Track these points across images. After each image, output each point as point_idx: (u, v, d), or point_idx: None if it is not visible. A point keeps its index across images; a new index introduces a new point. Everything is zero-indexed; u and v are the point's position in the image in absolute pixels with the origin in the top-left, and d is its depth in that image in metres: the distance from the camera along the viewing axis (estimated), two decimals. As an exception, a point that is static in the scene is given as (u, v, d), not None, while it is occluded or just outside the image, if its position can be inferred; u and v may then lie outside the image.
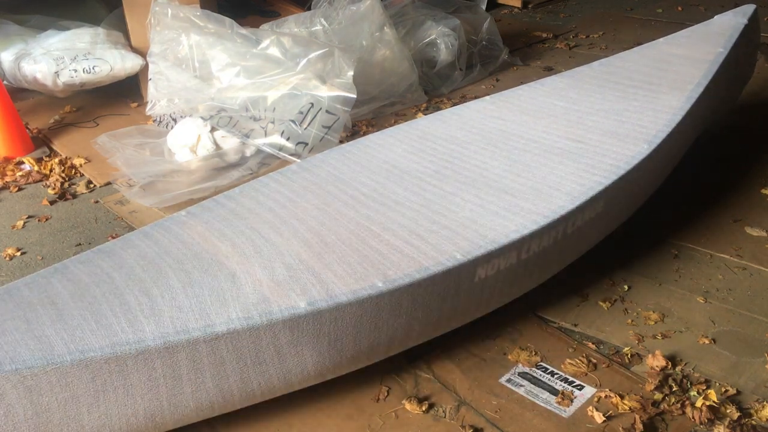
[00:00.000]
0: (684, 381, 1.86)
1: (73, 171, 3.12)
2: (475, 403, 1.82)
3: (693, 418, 1.74)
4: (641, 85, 2.60)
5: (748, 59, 3.09)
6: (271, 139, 3.01)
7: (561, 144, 2.28)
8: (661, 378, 1.85)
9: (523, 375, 1.91)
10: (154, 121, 3.44)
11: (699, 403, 1.77)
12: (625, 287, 2.25)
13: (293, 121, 3.02)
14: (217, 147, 3.05)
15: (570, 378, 1.89)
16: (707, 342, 2.01)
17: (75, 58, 3.45)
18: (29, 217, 2.77)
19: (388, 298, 1.66)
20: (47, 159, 3.20)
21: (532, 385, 1.87)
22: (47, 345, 1.46)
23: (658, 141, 2.23)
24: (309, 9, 3.96)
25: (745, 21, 2.91)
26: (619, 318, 2.12)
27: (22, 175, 3.07)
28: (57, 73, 3.43)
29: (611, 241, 2.32)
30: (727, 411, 1.75)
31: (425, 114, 3.57)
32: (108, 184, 2.99)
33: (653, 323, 2.09)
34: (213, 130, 3.06)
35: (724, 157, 3.02)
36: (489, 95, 2.72)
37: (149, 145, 3.19)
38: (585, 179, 2.07)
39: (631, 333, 2.05)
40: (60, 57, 3.43)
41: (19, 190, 2.99)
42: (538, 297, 2.14)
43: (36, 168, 3.12)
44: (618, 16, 5.30)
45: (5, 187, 3.00)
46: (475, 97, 3.31)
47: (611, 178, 2.07)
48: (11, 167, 3.12)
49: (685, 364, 1.93)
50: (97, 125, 3.52)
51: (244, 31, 3.28)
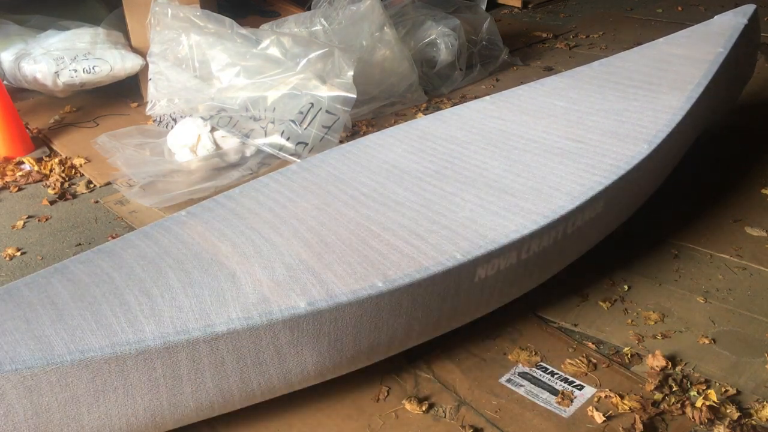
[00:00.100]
0: (684, 381, 1.86)
1: (73, 171, 3.12)
2: (475, 403, 1.82)
3: (693, 418, 1.74)
4: (641, 85, 2.60)
5: (748, 59, 3.08)
6: (271, 139, 3.01)
7: (561, 144, 2.28)
8: (661, 378, 1.85)
9: (523, 375, 1.91)
10: (154, 121, 3.44)
11: (699, 403, 1.76)
12: (625, 287, 2.25)
13: (293, 121, 3.02)
14: (217, 147, 3.05)
15: (570, 378, 1.89)
16: (707, 342, 2.01)
17: (75, 58, 3.45)
18: (29, 217, 2.77)
19: (388, 298, 1.66)
20: (47, 159, 3.20)
21: (532, 385, 1.87)
22: (47, 345, 1.46)
23: (658, 141, 2.23)
24: (309, 9, 3.96)
25: (745, 21, 2.91)
26: (619, 318, 2.12)
27: (22, 175, 3.07)
28: (57, 73, 3.43)
29: (611, 241, 2.32)
30: (727, 411, 1.75)
31: (425, 114, 3.57)
32: (108, 184, 2.99)
33: (653, 323, 2.09)
34: (213, 130, 3.06)
35: (724, 157, 3.02)
36: (489, 95, 2.72)
37: (149, 145, 3.19)
38: (585, 179, 2.07)
39: (631, 333, 2.05)
40: (60, 57, 3.43)
41: (19, 190, 2.99)
42: (538, 297, 2.14)
43: (36, 168, 3.12)
44: (618, 16, 5.30)
45: (5, 187, 3.00)
46: (475, 97, 3.31)
47: (611, 178, 2.07)
48: (11, 167, 3.12)
49: (685, 364, 1.93)
50: (97, 125, 3.52)
51: (244, 31, 3.28)
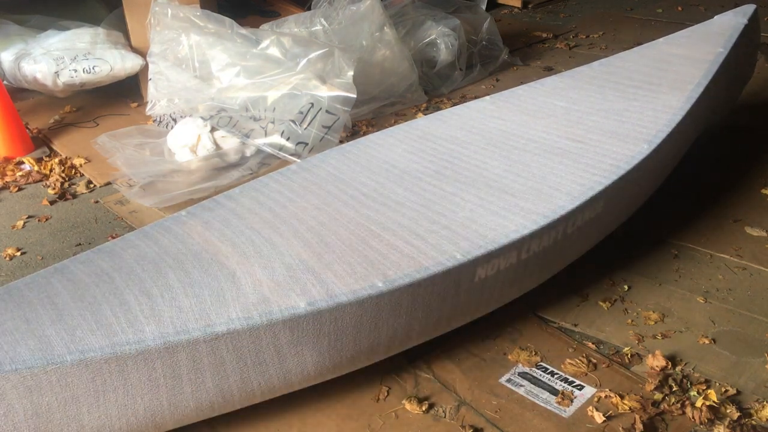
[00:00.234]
0: (684, 381, 1.86)
1: (73, 171, 3.12)
2: (475, 403, 1.82)
3: (693, 418, 1.74)
4: (641, 85, 2.60)
5: (748, 59, 3.09)
6: (271, 139, 3.01)
7: (561, 144, 2.28)
8: (661, 378, 1.85)
9: (523, 375, 1.91)
10: (154, 121, 3.44)
11: (699, 403, 1.76)
12: (625, 287, 2.25)
13: (293, 121, 3.02)
14: (217, 147, 3.05)
15: (570, 378, 1.89)
16: (707, 342, 2.01)
17: (75, 58, 3.45)
18: (29, 217, 2.77)
19: (388, 298, 1.66)
20: (47, 159, 3.20)
21: (532, 385, 1.87)
22: (47, 345, 1.46)
23: (658, 141, 2.23)
24: (309, 9, 3.96)
25: (745, 21, 2.91)
26: (619, 318, 2.12)
27: (22, 175, 3.07)
28: (57, 73, 3.43)
29: (611, 241, 2.32)
30: (727, 411, 1.75)
31: (425, 114, 3.57)
32: (108, 184, 2.99)
33: (653, 323, 2.09)
34: (213, 130, 3.06)
35: (724, 157, 3.02)
36: (489, 95, 2.72)
37: (149, 145, 3.19)
38: (585, 179, 2.07)
39: (631, 333, 2.05)
40: (60, 57, 3.43)
41: (19, 190, 2.99)
42: (538, 297, 2.14)
43: (36, 168, 3.12)
44: (618, 16, 5.30)
45: (5, 187, 3.00)
46: (475, 97, 3.31)
47: (611, 178, 2.07)
48: (11, 167, 3.12)
49: (685, 364, 1.93)
50: (97, 125, 3.52)
51: (244, 31, 3.28)
